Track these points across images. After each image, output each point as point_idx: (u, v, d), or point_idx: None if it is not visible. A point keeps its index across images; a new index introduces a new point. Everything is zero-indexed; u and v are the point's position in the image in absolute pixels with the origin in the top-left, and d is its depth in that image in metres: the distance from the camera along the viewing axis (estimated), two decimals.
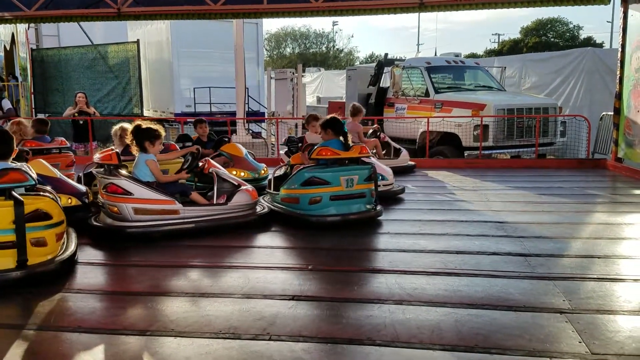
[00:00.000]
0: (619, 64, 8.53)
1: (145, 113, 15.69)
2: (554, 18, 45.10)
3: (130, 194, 4.48)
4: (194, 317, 2.90)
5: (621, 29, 8.51)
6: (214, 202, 4.85)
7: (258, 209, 5.12)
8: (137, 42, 14.56)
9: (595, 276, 3.52)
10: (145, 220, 4.52)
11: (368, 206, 5.02)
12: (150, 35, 16.47)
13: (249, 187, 5.11)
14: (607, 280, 3.45)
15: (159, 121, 15.23)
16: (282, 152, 7.41)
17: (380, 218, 5.14)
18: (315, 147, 5.03)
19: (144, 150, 4.70)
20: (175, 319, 2.89)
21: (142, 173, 4.65)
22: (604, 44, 40.81)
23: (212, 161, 5.40)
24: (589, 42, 41.00)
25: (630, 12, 8.23)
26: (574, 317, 2.86)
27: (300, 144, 6.21)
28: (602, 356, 2.45)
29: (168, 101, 15.95)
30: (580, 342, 2.57)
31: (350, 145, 5.04)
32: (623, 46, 8.45)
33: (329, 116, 5.32)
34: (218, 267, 3.88)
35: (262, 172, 6.66)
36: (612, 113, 8.97)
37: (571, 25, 45.55)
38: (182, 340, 2.64)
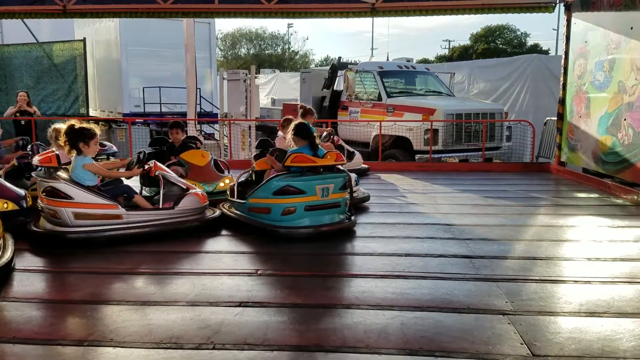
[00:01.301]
0: (563, 71, 8.85)
1: (92, 113, 15.25)
2: (502, 25, 46.48)
3: (70, 197, 4.31)
4: (134, 327, 2.80)
5: (565, 37, 8.82)
6: (160, 207, 4.71)
7: (208, 213, 5.00)
8: (84, 40, 14.15)
9: (537, 278, 3.62)
10: (87, 225, 4.35)
11: (341, 216, 4.82)
12: (99, 34, 16.03)
13: (198, 190, 4.99)
14: (548, 281, 3.55)
15: (106, 121, 14.78)
16: (253, 154, 7.02)
17: None
18: (289, 153, 4.77)
19: (79, 152, 4.51)
20: (114, 328, 2.79)
21: (81, 177, 4.48)
22: (549, 51, 42.36)
23: (159, 164, 5.19)
24: (535, 48, 42.44)
25: (573, 20, 8.55)
26: (516, 318, 2.92)
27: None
28: (542, 358, 2.50)
29: (116, 101, 15.55)
30: (522, 344, 2.62)
31: (324, 151, 4.79)
32: (566, 53, 8.77)
33: (297, 121, 5.04)
34: (163, 273, 3.77)
35: (221, 185, 6.01)
36: (555, 118, 9.30)
37: (519, 33, 47.09)
38: (120, 351, 2.54)
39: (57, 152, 4.56)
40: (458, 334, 2.73)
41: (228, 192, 5.40)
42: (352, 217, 4.91)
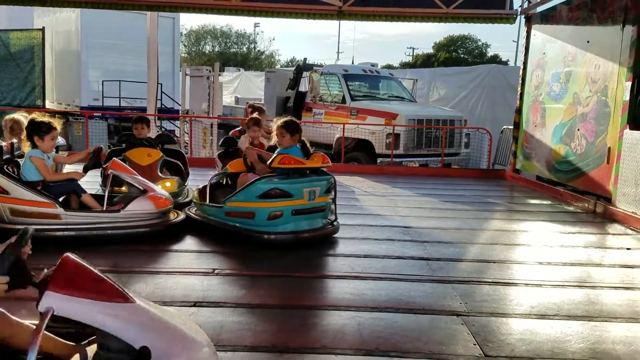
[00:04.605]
0: (521, 81, 9.09)
1: (49, 105, 14.80)
2: (464, 35, 47.48)
3: (7, 193, 4.09)
4: None
5: (524, 48, 9.07)
6: (104, 209, 4.36)
7: (172, 216, 4.66)
8: (43, 29, 13.71)
9: (490, 280, 3.70)
10: (23, 223, 4.03)
11: (324, 221, 4.60)
12: (59, 24, 15.59)
13: (157, 193, 4.57)
14: (501, 284, 3.63)
15: (63, 114, 14.34)
16: (216, 153, 6.45)
17: None
18: (277, 153, 4.43)
19: (33, 145, 4.29)
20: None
21: (27, 171, 4.27)
22: (509, 62, 43.47)
23: (118, 161, 4.82)
24: (495, 59, 43.49)
25: (533, 32, 8.80)
26: (469, 319, 2.98)
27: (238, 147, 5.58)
28: (494, 358, 2.56)
29: (74, 93, 15.15)
30: (474, 345, 2.67)
31: (311, 152, 4.58)
32: (525, 64, 9.02)
33: (287, 118, 4.66)
34: (114, 271, 3.64)
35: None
36: (512, 127, 9.54)
37: (480, 43, 48.16)
38: None
39: (13, 143, 4.38)
40: (413, 335, 2.76)
41: (196, 195, 5.04)
42: (335, 222, 4.74)
